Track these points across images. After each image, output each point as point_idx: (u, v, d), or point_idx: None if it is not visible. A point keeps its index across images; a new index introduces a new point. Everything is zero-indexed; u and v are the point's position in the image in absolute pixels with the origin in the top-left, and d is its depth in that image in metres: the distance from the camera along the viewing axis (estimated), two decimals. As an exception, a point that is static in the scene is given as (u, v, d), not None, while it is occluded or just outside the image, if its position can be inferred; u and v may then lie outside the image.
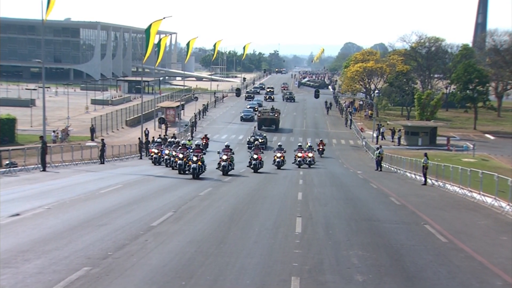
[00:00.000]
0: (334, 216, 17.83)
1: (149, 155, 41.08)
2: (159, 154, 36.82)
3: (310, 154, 41.74)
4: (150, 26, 51.08)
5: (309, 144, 45.08)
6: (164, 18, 53.90)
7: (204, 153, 27.48)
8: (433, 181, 30.91)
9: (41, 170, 30.15)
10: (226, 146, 31.00)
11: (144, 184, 24.78)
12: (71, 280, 9.70)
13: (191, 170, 27.15)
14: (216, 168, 30.14)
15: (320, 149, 51.60)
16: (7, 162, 30.43)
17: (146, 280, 10.01)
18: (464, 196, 24.82)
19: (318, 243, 13.68)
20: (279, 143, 40.08)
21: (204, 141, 51.82)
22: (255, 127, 67.39)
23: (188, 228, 14.85)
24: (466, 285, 10.75)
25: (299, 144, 44.07)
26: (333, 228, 15.69)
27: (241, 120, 78.44)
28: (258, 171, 33.04)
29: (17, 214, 15.58)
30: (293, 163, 40.40)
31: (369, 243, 13.83)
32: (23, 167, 30.06)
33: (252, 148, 34.45)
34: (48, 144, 32.58)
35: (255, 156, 33.03)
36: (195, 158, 26.79)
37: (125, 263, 11.01)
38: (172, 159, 32.58)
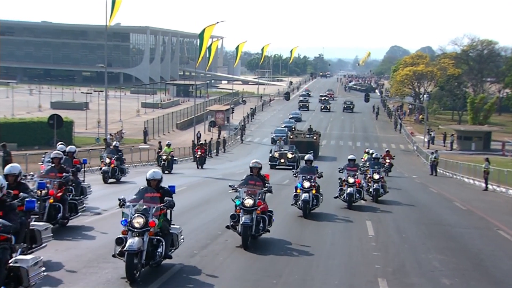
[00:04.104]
0: (403, 220, 17.88)
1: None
2: (113, 167, 25.08)
3: (376, 176, 21.64)
4: (203, 30, 51.87)
5: (373, 153, 26.37)
6: (217, 22, 54.70)
7: (72, 200, 13.36)
8: (494, 186, 30.39)
9: (105, 171, 31.04)
10: (149, 180, 10.78)
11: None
12: (167, 276, 10.11)
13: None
14: None
15: (388, 164, 32.66)
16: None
17: (237, 277, 10.36)
18: (531, 202, 24.35)
19: (394, 246, 13.79)
20: (306, 156, 18.66)
21: (200, 153, 36.21)
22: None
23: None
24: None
25: (351, 156, 20.67)
26: (405, 232, 15.77)
27: (272, 143, 56.93)
28: (258, 236, 13.12)
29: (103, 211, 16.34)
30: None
31: (445, 247, 13.85)
32: (88, 169, 31.06)
33: (246, 176, 13.48)
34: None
35: (248, 202, 12.52)
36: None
37: (213, 261, 11.38)
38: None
